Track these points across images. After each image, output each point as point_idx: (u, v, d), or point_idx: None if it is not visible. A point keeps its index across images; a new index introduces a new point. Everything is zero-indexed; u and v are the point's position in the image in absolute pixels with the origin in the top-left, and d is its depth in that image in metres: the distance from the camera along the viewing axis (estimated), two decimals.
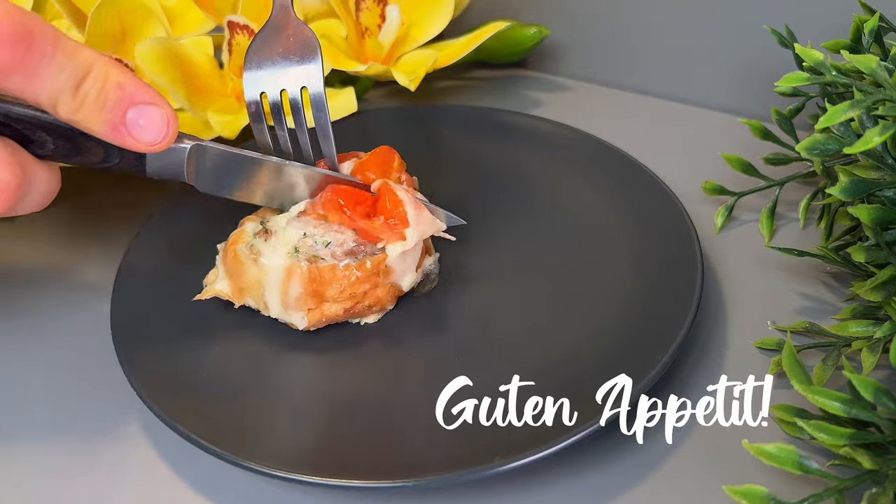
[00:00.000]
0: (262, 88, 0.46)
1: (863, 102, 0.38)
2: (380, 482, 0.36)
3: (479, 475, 0.36)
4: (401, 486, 0.36)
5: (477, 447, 0.37)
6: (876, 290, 0.41)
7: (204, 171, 0.43)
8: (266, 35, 0.47)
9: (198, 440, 0.38)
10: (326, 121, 0.47)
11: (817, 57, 0.42)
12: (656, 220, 0.49)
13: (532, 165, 0.55)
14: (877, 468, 0.34)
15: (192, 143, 0.42)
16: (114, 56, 0.59)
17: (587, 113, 0.63)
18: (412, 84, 0.60)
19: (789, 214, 0.52)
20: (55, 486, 0.40)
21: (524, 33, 0.66)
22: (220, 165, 0.44)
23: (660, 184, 0.51)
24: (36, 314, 0.49)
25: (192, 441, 0.38)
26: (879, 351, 0.40)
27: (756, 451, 0.34)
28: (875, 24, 0.45)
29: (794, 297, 0.47)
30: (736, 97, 0.61)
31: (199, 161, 0.43)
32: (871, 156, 0.40)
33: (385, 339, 0.45)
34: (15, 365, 0.46)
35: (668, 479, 0.38)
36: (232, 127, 0.58)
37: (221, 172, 0.44)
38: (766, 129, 0.52)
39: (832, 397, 0.35)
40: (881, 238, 0.41)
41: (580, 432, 0.37)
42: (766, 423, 0.39)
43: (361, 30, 0.62)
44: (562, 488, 0.38)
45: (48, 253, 0.54)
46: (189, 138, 0.42)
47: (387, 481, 0.36)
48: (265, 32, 0.47)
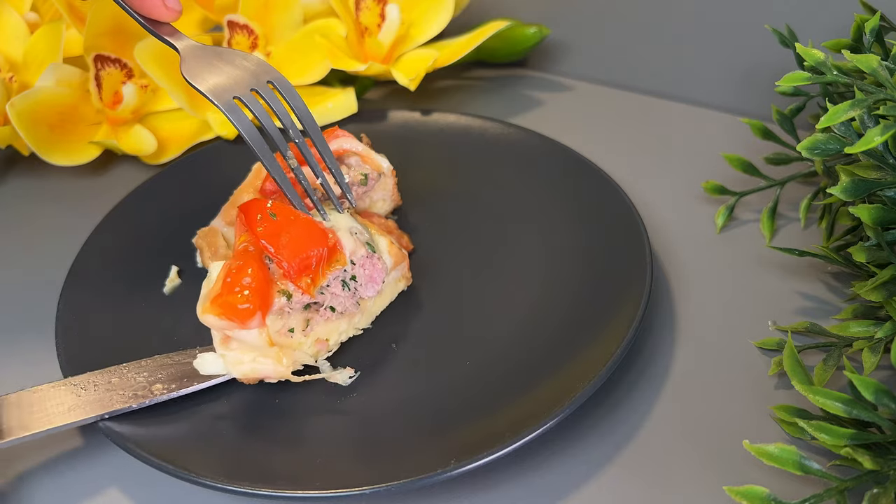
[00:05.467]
0: (231, 94, 0.44)
1: (864, 102, 0.38)
2: (349, 490, 0.35)
3: (452, 473, 0.36)
4: (373, 492, 0.35)
5: (451, 445, 0.37)
6: (877, 290, 0.41)
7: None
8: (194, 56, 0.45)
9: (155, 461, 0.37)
10: (304, 105, 0.45)
11: (818, 56, 0.42)
12: (608, 219, 0.49)
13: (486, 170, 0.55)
14: (878, 468, 0.34)
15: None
16: (112, 55, 0.59)
17: (587, 112, 0.63)
18: (412, 84, 0.60)
19: (790, 214, 0.52)
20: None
21: (524, 33, 0.66)
22: None
23: (611, 183, 0.50)
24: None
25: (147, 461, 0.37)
26: (880, 351, 0.40)
27: (757, 451, 0.34)
28: (876, 23, 0.45)
29: (795, 297, 0.47)
30: (737, 97, 0.61)
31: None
32: (872, 155, 0.39)
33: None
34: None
35: (668, 478, 0.38)
36: (231, 126, 0.58)
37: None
38: (767, 128, 0.52)
39: (833, 398, 0.35)
40: (882, 238, 0.41)
41: (550, 420, 0.37)
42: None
43: (361, 29, 0.62)
44: (559, 488, 0.38)
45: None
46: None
47: (357, 489, 0.35)
48: (192, 57, 0.45)
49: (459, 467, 0.36)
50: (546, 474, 0.39)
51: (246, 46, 0.61)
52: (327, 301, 0.42)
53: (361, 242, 0.43)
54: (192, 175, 0.56)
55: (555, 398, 0.38)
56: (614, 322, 0.42)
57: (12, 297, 0.51)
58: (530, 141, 0.56)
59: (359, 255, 0.43)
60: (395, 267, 0.46)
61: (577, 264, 0.47)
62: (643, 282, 0.43)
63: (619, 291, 0.44)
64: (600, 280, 0.45)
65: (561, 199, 0.52)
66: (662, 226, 0.52)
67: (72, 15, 0.58)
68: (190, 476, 0.36)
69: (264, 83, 0.45)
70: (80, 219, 0.56)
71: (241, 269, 0.40)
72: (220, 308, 0.39)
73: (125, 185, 0.58)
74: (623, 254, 0.46)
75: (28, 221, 0.57)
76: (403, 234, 0.51)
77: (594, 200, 0.50)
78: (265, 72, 0.45)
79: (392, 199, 0.52)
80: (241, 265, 0.40)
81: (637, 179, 0.54)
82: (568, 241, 0.49)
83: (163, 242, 0.51)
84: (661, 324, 0.46)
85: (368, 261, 0.43)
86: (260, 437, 0.40)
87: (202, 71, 0.44)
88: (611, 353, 0.40)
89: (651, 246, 0.46)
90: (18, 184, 0.61)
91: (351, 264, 0.42)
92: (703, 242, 0.51)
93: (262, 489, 0.36)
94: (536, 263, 0.48)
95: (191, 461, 0.37)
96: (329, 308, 0.42)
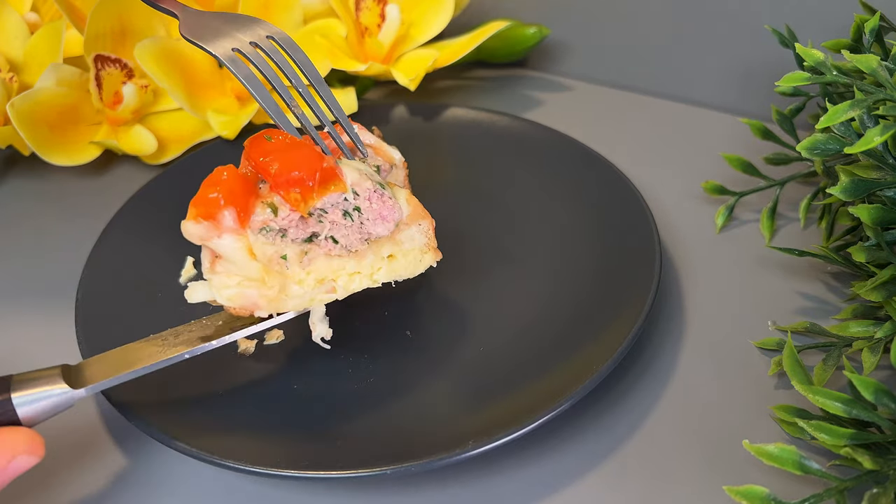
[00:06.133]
0: (230, 46, 0.43)
1: (863, 102, 0.38)
2: (355, 472, 0.36)
3: (455, 459, 0.36)
4: (379, 475, 0.36)
5: (465, 429, 0.38)
6: (877, 290, 0.41)
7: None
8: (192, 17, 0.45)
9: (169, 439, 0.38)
10: (307, 58, 0.44)
11: (818, 56, 0.42)
12: (619, 214, 0.49)
13: (500, 164, 0.56)
14: (877, 468, 0.34)
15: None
16: (112, 55, 0.59)
17: (587, 112, 0.63)
18: (412, 84, 0.60)
19: (790, 214, 0.52)
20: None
21: (524, 33, 0.66)
22: None
23: (623, 178, 0.51)
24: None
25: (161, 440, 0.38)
26: (880, 351, 0.40)
27: (757, 451, 0.34)
28: (876, 23, 0.45)
29: (795, 297, 0.47)
30: (736, 97, 0.61)
31: None
32: (871, 155, 0.39)
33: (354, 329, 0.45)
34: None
35: (667, 478, 0.38)
36: (232, 126, 0.58)
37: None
38: (767, 128, 0.52)
39: (833, 397, 0.35)
40: (882, 238, 0.41)
41: (550, 413, 0.38)
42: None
43: (361, 29, 0.62)
44: (558, 480, 0.38)
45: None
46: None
47: (377, 469, 0.36)
48: (190, 16, 0.45)
49: (475, 449, 0.36)
50: (546, 466, 0.39)
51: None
52: (326, 230, 0.40)
53: (367, 176, 0.40)
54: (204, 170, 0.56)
55: (558, 390, 0.39)
56: (618, 320, 0.42)
57: (12, 296, 0.51)
58: (540, 134, 0.57)
59: (364, 186, 0.40)
60: (414, 219, 0.42)
61: (586, 258, 0.48)
62: (649, 283, 0.43)
63: (626, 288, 0.44)
64: (608, 276, 0.46)
65: (570, 192, 0.52)
66: (662, 225, 0.52)
67: (72, 15, 0.58)
68: (213, 459, 0.37)
69: (264, 38, 0.44)
70: (81, 218, 0.56)
71: (219, 171, 0.38)
72: (193, 207, 0.38)
73: (125, 185, 0.58)
74: (632, 250, 0.46)
75: (28, 221, 0.57)
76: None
77: (603, 193, 0.51)
78: (264, 27, 0.44)
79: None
80: (220, 168, 0.39)
81: (637, 179, 0.54)
82: (578, 235, 0.49)
83: (178, 237, 0.51)
84: (661, 323, 0.46)
85: (377, 195, 0.40)
86: (279, 421, 0.40)
87: (201, 29, 0.43)
88: (613, 350, 0.40)
89: (661, 240, 0.47)
90: (19, 184, 0.61)
91: (354, 194, 0.40)
92: (702, 242, 0.51)
93: (285, 471, 0.36)
94: (546, 255, 0.49)
95: (213, 444, 0.38)
96: (330, 239, 0.40)
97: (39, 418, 0.36)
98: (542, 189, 0.53)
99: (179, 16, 0.44)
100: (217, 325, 0.41)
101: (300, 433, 0.40)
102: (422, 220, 0.43)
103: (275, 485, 0.39)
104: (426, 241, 0.43)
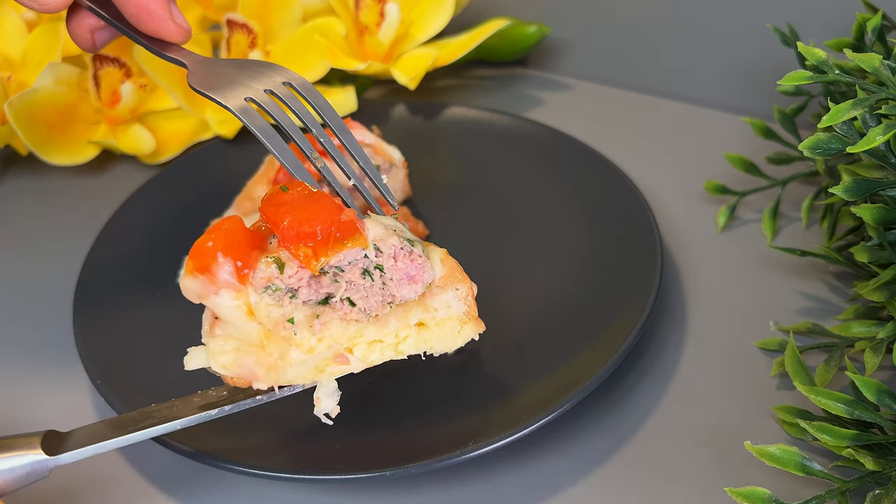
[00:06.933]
0: (242, 95, 0.40)
1: (866, 101, 0.38)
2: (357, 474, 0.36)
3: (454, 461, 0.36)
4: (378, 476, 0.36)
5: (467, 430, 0.38)
6: (879, 290, 0.41)
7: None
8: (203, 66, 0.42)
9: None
10: (328, 104, 0.41)
11: (820, 55, 0.41)
12: (620, 213, 0.49)
13: (504, 164, 0.56)
14: (880, 469, 0.33)
15: None
16: (111, 55, 0.59)
17: (587, 112, 0.63)
18: (412, 83, 0.60)
19: (792, 214, 0.52)
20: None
21: (524, 31, 0.66)
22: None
23: (624, 177, 0.51)
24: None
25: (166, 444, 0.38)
26: (882, 351, 0.39)
27: (758, 452, 0.34)
28: (878, 22, 0.44)
29: (797, 297, 0.47)
30: (738, 96, 0.61)
31: None
32: (874, 155, 0.39)
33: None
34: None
35: (668, 480, 0.38)
36: (229, 125, 0.58)
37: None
38: (769, 128, 0.52)
39: (835, 398, 0.35)
40: (884, 238, 0.41)
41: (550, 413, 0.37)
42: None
43: (361, 28, 0.61)
44: (559, 482, 0.38)
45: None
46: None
47: (376, 471, 0.36)
48: (199, 66, 0.42)
49: (475, 450, 0.36)
50: (547, 467, 0.39)
51: (245, 45, 0.61)
52: (342, 290, 0.35)
53: (395, 233, 0.36)
54: (203, 170, 0.56)
55: (559, 391, 0.39)
56: (619, 320, 0.42)
57: (12, 296, 0.51)
58: (540, 133, 0.56)
59: (389, 242, 0.35)
60: (449, 282, 0.37)
61: (587, 258, 0.48)
62: (651, 283, 0.43)
63: (627, 288, 0.44)
64: (609, 275, 0.46)
65: (571, 191, 0.52)
66: (664, 225, 0.51)
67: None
68: (212, 460, 0.37)
69: (280, 84, 0.41)
70: (79, 218, 0.56)
71: (224, 219, 0.35)
72: (189, 259, 0.34)
73: (123, 185, 0.58)
74: (633, 250, 0.46)
75: (26, 221, 0.57)
76: (418, 221, 0.50)
77: (604, 193, 0.51)
78: (279, 73, 0.41)
79: (403, 191, 0.52)
80: (222, 220, 0.35)
81: (638, 179, 0.54)
82: (579, 235, 0.49)
83: (177, 236, 0.51)
84: (662, 324, 0.46)
85: (403, 253, 0.36)
86: (279, 422, 0.40)
87: (211, 79, 0.40)
88: (614, 351, 0.40)
89: (662, 240, 0.46)
90: (16, 183, 0.61)
91: (376, 251, 0.35)
92: (704, 242, 0.51)
93: (285, 472, 0.36)
94: (547, 255, 0.49)
95: (213, 446, 0.38)
96: (346, 300, 0.36)
97: (10, 488, 0.34)
98: (542, 188, 0.53)
99: (188, 65, 0.41)
100: (225, 393, 0.38)
101: (300, 435, 0.40)
102: (460, 284, 0.38)
103: (275, 486, 0.39)
104: (465, 310, 0.38)
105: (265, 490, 0.39)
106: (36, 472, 0.34)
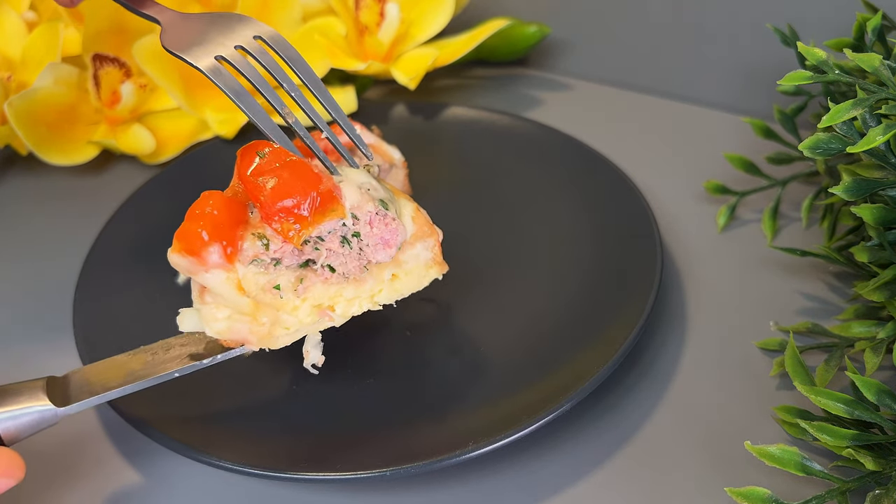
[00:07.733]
0: (213, 53, 0.39)
1: (866, 101, 0.38)
2: (356, 473, 0.36)
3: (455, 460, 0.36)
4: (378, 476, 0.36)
5: (465, 430, 0.38)
6: (879, 291, 0.41)
7: None
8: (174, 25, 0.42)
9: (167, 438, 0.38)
10: (299, 56, 0.40)
11: (820, 55, 0.41)
12: (620, 213, 0.49)
13: (504, 164, 0.56)
14: (880, 469, 0.33)
15: None
16: (111, 54, 0.59)
17: (587, 112, 0.63)
18: (412, 83, 0.60)
19: (792, 214, 0.52)
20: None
21: (524, 31, 0.66)
22: None
23: (624, 177, 0.51)
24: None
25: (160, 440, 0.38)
26: (882, 351, 0.39)
27: (758, 452, 0.34)
28: (878, 22, 0.44)
29: (797, 297, 0.47)
30: (738, 96, 0.61)
31: None
32: (874, 155, 0.39)
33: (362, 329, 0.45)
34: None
35: (668, 479, 0.38)
36: (230, 125, 0.58)
37: None
38: (769, 127, 0.52)
39: (835, 398, 0.35)
40: (884, 238, 0.41)
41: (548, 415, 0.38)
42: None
43: (361, 28, 0.61)
44: (558, 483, 0.38)
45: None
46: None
47: (364, 472, 0.36)
48: (172, 25, 0.42)
49: (475, 450, 0.36)
50: (547, 467, 0.39)
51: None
52: (322, 258, 0.37)
53: (370, 198, 0.38)
54: (203, 170, 0.56)
55: (559, 391, 0.39)
56: (619, 320, 0.42)
57: (11, 296, 0.51)
58: (540, 133, 0.56)
59: (364, 209, 0.37)
60: (419, 238, 0.40)
61: (587, 258, 0.48)
62: (651, 283, 0.43)
63: (627, 288, 0.44)
64: (609, 275, 0.46)
65: (571, 191, 0.52)
66: (663, 225, 0.51)
67: (70, 14, 0.58)
68: (212, 459, 0.37)
69: (251, 39, 0.41)
70: (79, 218, 0.56)
71: (205, 198, 0.36)
72: (177, 240, 0.35)
73: (123, 185, 0.58)
74: (633, 250, 0.46)
75: (26, 221, 0.57)
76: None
77: (604, 192, 0.51)
78: (251, 26, 0.41)
79: (403, 190, 0.52)
80: (206, 195, 0.36)
81: (638, 178, 0.54)
82: (578, 235, 0.49)
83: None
84: (662, 324, 0.46)
85: (378, 218, 0.38)
86: (279, 422, 0.40)
87: (184, 36, 0.40)
88: (614, 351, 0.40)
89: (662, 240, 0.46)
90: (16, 183, 0.61)
91: (353, 218, 0.37)
92: (704, 242, 0.51)
93: (285, 472, 0.36)
94: (547, 255, 0.49)
95: (213, 445, 0.38)
96: (327, 267, 0.38)
97: (21, 436, 0.35)
98: (542, 188, 0.53)
99: (162, 23, 0.41)
100: (208, 340, 0.40)
101: (300, 434, 0.40)
102: (427, 236, 0.40)
103: (274, 486, 0.39)
104: (431, 257, 0.41)
105: (265, 489, 0.39)
106: (45, 421, 0.35)
